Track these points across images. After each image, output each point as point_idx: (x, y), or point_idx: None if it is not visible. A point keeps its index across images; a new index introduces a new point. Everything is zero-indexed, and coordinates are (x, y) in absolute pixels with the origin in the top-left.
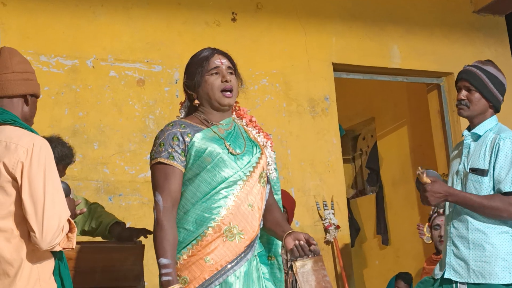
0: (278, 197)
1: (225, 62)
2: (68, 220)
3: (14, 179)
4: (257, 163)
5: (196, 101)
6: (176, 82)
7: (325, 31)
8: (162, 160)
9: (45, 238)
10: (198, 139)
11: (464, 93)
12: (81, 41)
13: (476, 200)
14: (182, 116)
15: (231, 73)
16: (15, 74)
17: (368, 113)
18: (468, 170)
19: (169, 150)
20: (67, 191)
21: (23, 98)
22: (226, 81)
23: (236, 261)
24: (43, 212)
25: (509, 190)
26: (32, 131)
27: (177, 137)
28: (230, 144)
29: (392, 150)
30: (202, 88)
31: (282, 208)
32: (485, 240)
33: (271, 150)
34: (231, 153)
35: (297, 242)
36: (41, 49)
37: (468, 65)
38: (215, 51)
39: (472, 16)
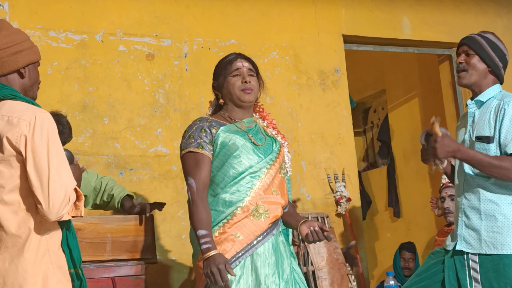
0: (289, 196)
1: (246, 64)
2: (75, 189)
3: (18, 152)
4: (278, 153)
5: (221, 100)
6: (185, 56)
7: (335, 2)
8: (192, 149)
9: (52, 210)
10: (223, 131)
11: (462, 56)
12: (90, 15)
13: (485, 159)
14: (210, 113)
15: (251, 75)
16: (2, 51)
17: (379, 85)
18: (474, 139)
19: (198, 141)
20: (70, 158)
21: (17, 73)
22: (246, 82)
23: (263, 235)
24: (48, 184)
25: None
26: (33, 104)
27: (204, 129)
28: (252, 136)
29: (403, 122)
30: (225, 88)
31: None
32: (497, 211)
33: (287, 151)
34: (254, 143)
35: (312, 228)
36: (49, 25)
37: (470, 34)
38: (238, 56)
39: None
